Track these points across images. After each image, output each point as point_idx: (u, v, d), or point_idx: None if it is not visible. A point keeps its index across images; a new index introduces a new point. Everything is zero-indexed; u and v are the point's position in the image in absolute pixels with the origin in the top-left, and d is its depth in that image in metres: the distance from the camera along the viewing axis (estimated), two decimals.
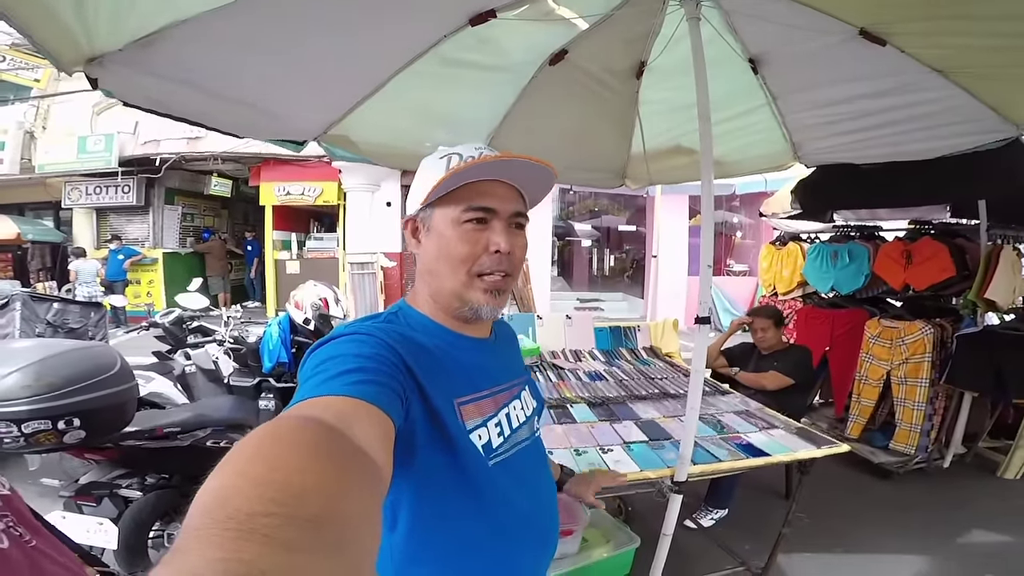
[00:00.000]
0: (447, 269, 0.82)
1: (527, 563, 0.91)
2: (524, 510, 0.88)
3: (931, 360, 3.45)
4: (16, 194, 10.52)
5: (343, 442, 0.48)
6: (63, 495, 2.06)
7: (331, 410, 0.56)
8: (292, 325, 3.24)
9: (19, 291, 3.55)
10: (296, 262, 9.77)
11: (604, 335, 3.42)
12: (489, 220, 0.82)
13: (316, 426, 0.48)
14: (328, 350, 0.71)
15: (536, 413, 1.00)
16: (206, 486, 0.36)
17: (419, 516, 0.78)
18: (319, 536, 0.33)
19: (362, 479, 0.44)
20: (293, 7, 1.40)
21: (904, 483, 3.47)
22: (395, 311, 0.87)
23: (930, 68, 1.73)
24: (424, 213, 0.85)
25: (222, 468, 0.37)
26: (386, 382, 0.67)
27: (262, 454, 0.39)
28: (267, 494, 0.34)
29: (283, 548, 0.30)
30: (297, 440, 0.43)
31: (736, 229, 11.78)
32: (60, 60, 1.18)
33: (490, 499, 0.82)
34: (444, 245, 0.82)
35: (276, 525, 0.32)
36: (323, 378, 0.64)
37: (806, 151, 2.55)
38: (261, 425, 0.44)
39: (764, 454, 1.91)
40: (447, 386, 0.79)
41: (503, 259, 0.82)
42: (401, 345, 0.74)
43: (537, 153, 2.58)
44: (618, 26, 1.84)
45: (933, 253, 3.58)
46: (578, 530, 2.05)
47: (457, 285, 0.82)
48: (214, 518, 0.32)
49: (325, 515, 0.34)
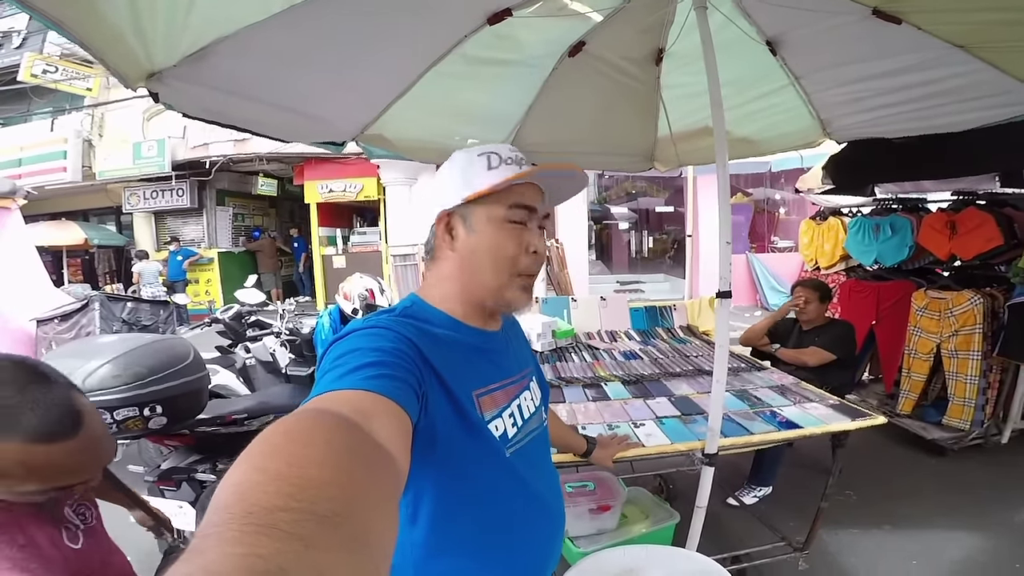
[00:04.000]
0: (491, 266, 0.84)
1: (544, 543, 0.95)
2: (539, 495, 0.91)
3: (982, 331, 3.33)
4: (80, 201, 11.19)
5: (361, 437, 0.48)
6: (147, 480, 2.24)
7: (349, 405, 0.56)
8: (342, 315, 3.43)
9: (96, 293, 3.87)
10: (342, 256, 10.13)
11: (639, 315, 3.46)
12: (527, 222, 0.85)
13: (334, 421, 0.48)
14: (346, 344, 0.71)
15: (543, 403, 1.03)
16: (225, 481, 0.36)
17: (441, 507, 0.79)
18: (337, 531, 0.33)
19: (380, 474, 0.45)
20: (326, 21, 1.50)
21: (959, 460, 3.36)
22: (409, 304, 0.88)
23: (951, 44, 1.70)
24: (464, 209, 0.85)
25: (241, 463, 0.38)
26: (404, 377, 0.67)
27: (280, 449, 0.40)
28: (285, 489, 0.34)
29: (301, 543, 0.31)
30: (315, 435, 0.43)
31: (779, 205, 11.43)
32: (127, 78, 1.31)
33: (509, 487, 0.86)
34: (491, 243, 0.83)
35: (294, 520, 0.32)
36: (341, 372, 0.64)
37: (835, 127, 2.51)
38: (278, 420, 0.45)
39: (797, 427, 1.93)
40: (465, 378, 0.80)
41: (538, 260, 0.86)
42: (419, 339, 0.75)
43: (563, 142, 2.68)
44: (632, 16, 1.87)
45: (979, 223, 3.44)
46: (616, 506, 2.13)
47: (499, 283, 0.84)
48: (233, 513, 0.32)
49: (343, 510, 0.35)
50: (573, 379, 2.46)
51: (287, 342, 3.61)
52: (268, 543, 0.30)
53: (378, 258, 9.93)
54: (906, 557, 2.46)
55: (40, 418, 0.76)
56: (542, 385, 1.06)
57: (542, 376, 1.08)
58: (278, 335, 3.64)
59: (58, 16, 0.99)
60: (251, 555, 0.29)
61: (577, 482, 2.19)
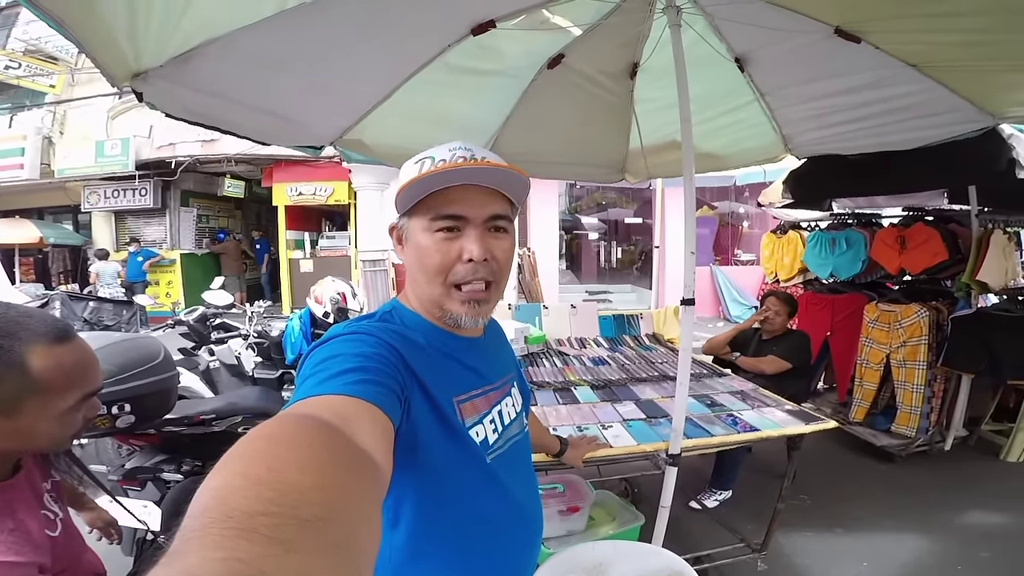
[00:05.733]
0: (424, 279, 0.82)
1: (523, 550, 0.96)
2: (519, 501, 0.92)
3: (927, 342, 3.52)
4: (36, 199, 10.78)
5: (343, 441, 0.48)
6: (111, 479, 2.18)
7: (331, 410, 0.55)
8: (313, 319, 3.41)
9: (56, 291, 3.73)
10: (310, 261, 10.01)
11: (608, 323, 3.55)
12: (462, 228, 0.80)
13: (315, 425, 0.48)
14: (327, 349, 0.71)
15: (524, 409, 1.04)
16: (205, 485, 0.36)
17: (422, 511, 0.79)
18: (318, 535, 0.33)
19: (362, 478, 0.44)
20: (310, 27, 1.53)
21: (906, 466, 3.51)
22: (389, 310, 0.87)
23: (904, 63, 1.84)
24: (402, 221, 0.85)
25: (221, 467, 0.37)
26: (385, 382, 0.67)
27: (261, 453, 0.39)
28: (266, 493, 0.34)
29: (282, 547, 0.30)
30: (296, 439, 0.43)
31: (743, 219, 11.79)
32: (114, 77, 1.32)
33: (490, 492, 0.86)
34: (419, 255, 0.81)
35: (275, 524, 0.32)
36: (323, 377, 0.64)
37: (797, 143, 2.65)
38: (260, 424, 0.45)
39: (755, 430, 2.03)
40: (445, 384, 0.80)
41: (478, 267, 0.80)
42: (400, 344, 0.75)
43: (539, 151, 2.75)
44: (610, 31, 1.96)
45: (926, 238, 3.65)
46: (584, 507, 2.17)
47: (435, 295, 0.82)
48: (213, 517, 0.32)
49: (324, 514, 0.34)
50: (544, 383, 2.52)
51: (255, 344, 3.56)
52: (249, 547, 0.30)
53: (347, 263, 9.85)
54: (857, 559, 2.57)
55: (47, 325, 0.84)
56: (524, 391, 1.06)
57: (524, 383, 1.09)
58: (245, 337, 3.58)
59: (60, 15, 1.00)
60: (231, 559, 0.29)
61: (547, 484, 2.23)
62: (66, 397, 0.84)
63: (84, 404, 0.90)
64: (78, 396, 0.87)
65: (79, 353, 0.87)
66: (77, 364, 0.86)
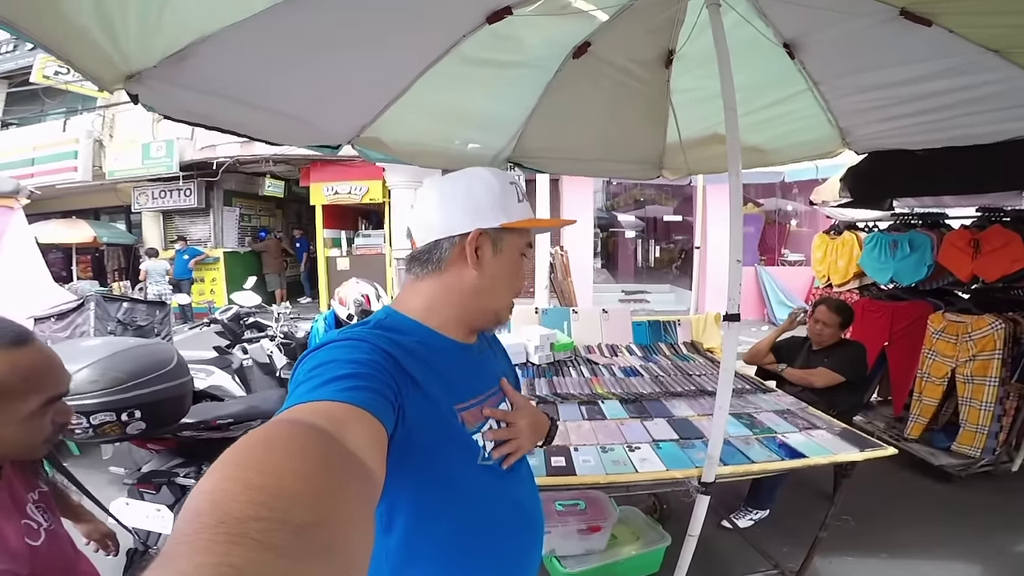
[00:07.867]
0: (505, 291, 0.90)
1: (526, 550, 0.95)
2: (518, 502, 0.92)
3: (1001, 357, 3.18)
4: (90, 200, 11.30)
5: (335, 447, 0.48)
6: (127, 483, 2.20)
7: (323, 415, 0.56)
8: (337, 321, 3.37)
9: (93, 292, 3.84)
10: (346, 259, 10.12)
11: (642, 329, 3.37)
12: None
13: (308, 431, 0.48)
14: (321, 356, 0.71)
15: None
16: (197, 489, 0.36)
17: (419, 515, 0.79)
18: (310, 541, 0.33)
19: (354, 484, 0.44)
20: (314, 21, 1.45)
21: (965, 487, 3.21)
22: (383, 317, 0.87)
23: (984, 48, 1.60)
24: (497, 233, 0.86)
25: (214, 472, 0.37)
26: (379, 388, 0.67)
27: (254, 459, 0.39)
28: (258, 499, 0.34)
29: (273, 553, 0.30)
30: (289, 445, 0.43)
31: (791, 217, 11.28)
32: (102, 80, 1.27)
33: (488, 494, 0.86)
34: (512, 270, 0.90)
35: (267, 530, 0.32)
36: (316, 384, 0.64)
37: (855, 137, 2.41)
38: (253, 430, 0.44)
39: (801, 455, 1.83)
40: (444, 389, 0.80)
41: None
42: (395, 350, 0.75)
43: (567, 147, 2.62)
44: (640, 16, 1.80)
45: (1005, 242, 3.27)
46: (606, 527, 2.04)
47: (504, 306, 0.91)
48: (205, 522, 0.32)
49: (316, 520, 0.34)
50: (569, 395, 2.37)
51: (282, 345, 3.56)
52: (240, 552, 0.30)
53: (382, 261, 9.91)
54: None
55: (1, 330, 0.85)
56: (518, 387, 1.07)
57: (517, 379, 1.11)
58: (273, 338, 3.59)
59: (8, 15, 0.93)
60: (222, 564, 0.29)
61: (568, 501, 2.11)
62: (27, 401, 0.85)
63: (50, 408, 0.90)
64: (40, 400, 0.87)
65: (37, 357, 0.88)
66: (35, 368, 0.87)
